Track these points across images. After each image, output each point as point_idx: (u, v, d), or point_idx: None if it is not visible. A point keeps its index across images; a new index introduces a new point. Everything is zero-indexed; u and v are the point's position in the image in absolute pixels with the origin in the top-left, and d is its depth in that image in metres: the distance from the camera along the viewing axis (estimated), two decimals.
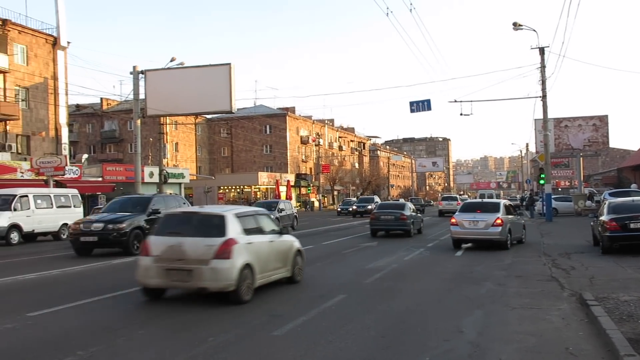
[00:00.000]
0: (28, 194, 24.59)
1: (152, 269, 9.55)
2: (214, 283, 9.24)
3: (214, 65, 37.77)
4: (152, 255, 9.64)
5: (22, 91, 39.50)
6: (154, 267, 9.54)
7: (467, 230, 18.49)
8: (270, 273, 10.62)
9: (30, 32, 40.02)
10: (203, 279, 9.22)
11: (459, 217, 18.88)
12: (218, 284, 9.22)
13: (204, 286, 9.37)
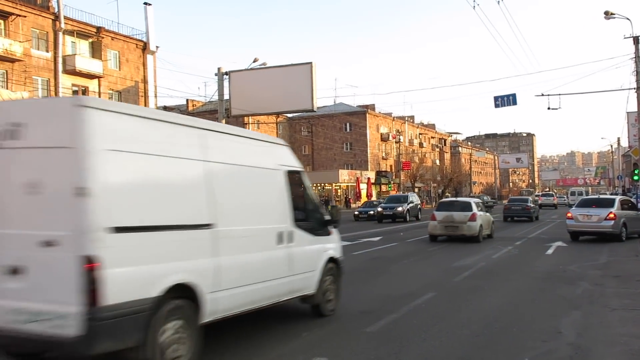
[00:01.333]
0: None
1: (437, 226, 20.98)
2: (468, 232, 20.41)
3: (296, 65, 38.24)
4: (436, 220, 21.03)
5: (115, 95, 41.45)
6: (438, 225, 20.97)
7: (580, 223, 20.20)
8: (486, 231, 21.73)
9: (122, 39, 41.94)
10: (463, 230, 20.45)
11: (574, 211, 20.79)
12: (470, 232, 20.41)
13: (463, 233, 20.43)
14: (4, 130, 5.17)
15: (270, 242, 7.25)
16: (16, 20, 34.33)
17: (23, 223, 5.07)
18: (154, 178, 5.59)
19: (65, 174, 4.89)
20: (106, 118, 5.14)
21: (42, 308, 4.84)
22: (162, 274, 5.41)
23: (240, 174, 6.86)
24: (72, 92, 37.93)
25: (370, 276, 12.48)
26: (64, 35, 37.21)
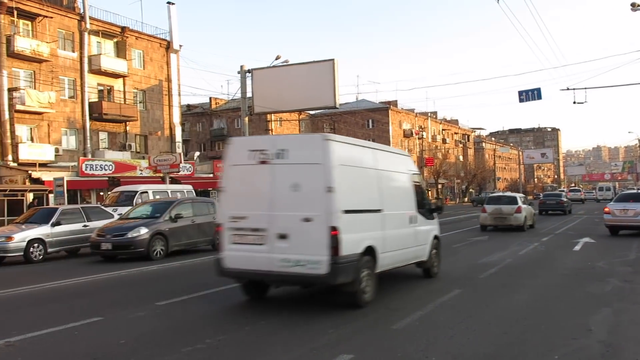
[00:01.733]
0: (148, 190, 26.04)
1: (488, 218, 24.55)
2: (515, 222, 23.82)
3: (318, 62, 38.27)
4: (487, 212, 24.60)
5: (140, 94, 41.86)
6: (488, 217, 24.52)
7: (617, 218, 20.64)
8: (529, 222, 25.04)
9: (146, 38, 42.32)
10: (510, 221, 23.80)
11: (612, 206, 21.16)
12: (517, 222, 23.79)
13: (510, 224, 23.86)
14: (274, 153, 8.50)
15: (406, 222, 10.64)
16: (43, 22, 34.82)
17: (289, 208, 8.29)
18: (358, 180, 9.00)
19: (319, 179, 8.13)
20: (338, 146, 8.52)
21: (302, 258, 8.14)
22: (362, 239, 8.72)
23: (391, 176, 10.40)
24: (98, 92, 38.40)
25: (395, 273, 12.43)
26: (89, 35, 37.67)
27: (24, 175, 31.35)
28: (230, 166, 8.96)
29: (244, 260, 8.59)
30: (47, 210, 18.40)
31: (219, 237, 8.95)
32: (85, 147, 36.91)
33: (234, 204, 8.85)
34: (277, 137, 11.19)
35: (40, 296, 10.60)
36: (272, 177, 8.48)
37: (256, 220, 8.48)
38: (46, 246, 16.72)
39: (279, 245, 8.28)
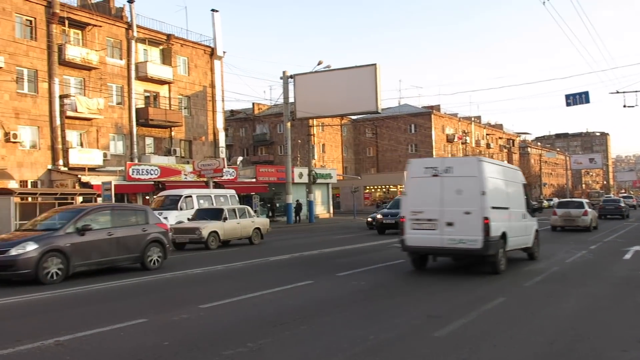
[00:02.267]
0: (192, 195, 26.44)
1: (558, 220, 28.43)
2: (582, 224, 27.66)
3: (360, 67, 38.28)
4: (557, 215, 28.58)
5: (185, 99, 42.59)
6: (559, 219, 28.41)
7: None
8: (594, 224, 28.41)
9: (190, 45, 43.06)
10: (578, 222, 27.53)
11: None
12: (584, 224, 27.62)
13: (578, 225, 27.45)
14: (443, 169, 12.65)
15: (521, 217, 14.70)
16: (92, 30, 35.80)
17: (454, 205, 12.36)
18: (497, 187, 13.11)
19: (475, 186, 12.21)
20: (486, 164, 12.69)
21: (464, 238, 12.23)
22: (500, 227, 12.79)
23: (513, 185, 14.44)
24: (144, 98, 39.23)
25: (437, 279, 12.32)
26: (136, 43, 38.55)
27: (73, 179, 32.25)
28: (411, 178, 13.17)
29: (421, 240, 12.79)
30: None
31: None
32: (132, 152, 37.74)
33: (413, 203, 12.99)
34: (445, 159, 14.85)
35: (87, 297, 10.86)
36: (441, 185, 12.62)
37: (430, 213, 12.63)
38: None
39: (447, 229, 12.40)
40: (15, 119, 31.42)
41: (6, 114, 30.93)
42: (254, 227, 23.13)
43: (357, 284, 11.74)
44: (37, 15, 32.87)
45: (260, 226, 23.64)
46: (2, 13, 31.07)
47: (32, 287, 11.77)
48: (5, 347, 6.93)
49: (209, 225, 20.87)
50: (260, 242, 23.24)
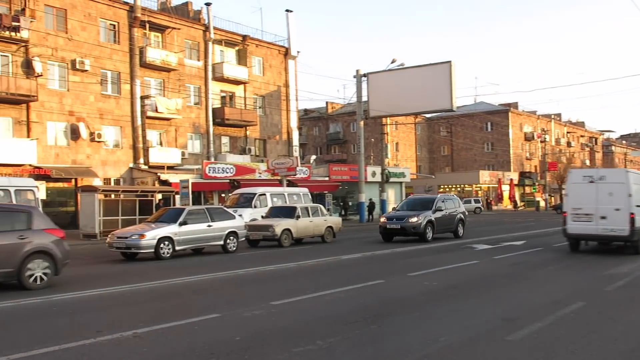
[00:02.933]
0: (266, 193, 26.86)
1: None
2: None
3: (434, 64, 37.73)
4: None
5: (259, 99, 43.34)
6: None
7: None
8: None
9: (265, 45, 43.76)
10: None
11: None
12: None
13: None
14: (598, 177, 16.86)
15: None
16: (171, 33, 37.00)
17: (607, 204, 16.42)
18: (637, 191, 16.79)
19: (624, 190, 16.33)
20: (631, 174, 17.03)
21: (615, 227, 16.44)
22: (638, 220, 16.44)
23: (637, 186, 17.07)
24: (220, 98, 40.19)
25: (512, 282, 12.00)
26: (213, 44, 39.55)
27: (153, 177, 33.46)
28: (571, 184, 17.32)
29: (580, 229, 16.99)
30: (175, 211, 19.42)
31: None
32: (209, 150, 38.75)
33: (574, 202, 17.06)
34: (599, 169, 19.07)
35: (165, 291, 11.25)
36: (596, 189, 16.65)
37: (588, 210, 16.72)
38: (174, 244, 17.67)
39: (601, 222, 16.51)
40: (99, 119, 32.91)
41: (91, 114, 32.44)
42: (327, 226, 23.25)
43: (429, 284, 11.61)
44: (120, 20, 34.29)
45: (332, 225, 23.74)
46: (88, 18, 32.59)
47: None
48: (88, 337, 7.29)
49: (282, 223, 21.14)
50: (333, 240, 23.32)
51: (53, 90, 30.96)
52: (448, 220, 23.53)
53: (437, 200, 23.60)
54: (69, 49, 31.57)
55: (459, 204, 25.03)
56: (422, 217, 22.12)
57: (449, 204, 24.04)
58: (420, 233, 21.95)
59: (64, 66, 31.50)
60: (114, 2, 34.04)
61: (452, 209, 24.03)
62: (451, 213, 23.79)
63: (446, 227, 23.47)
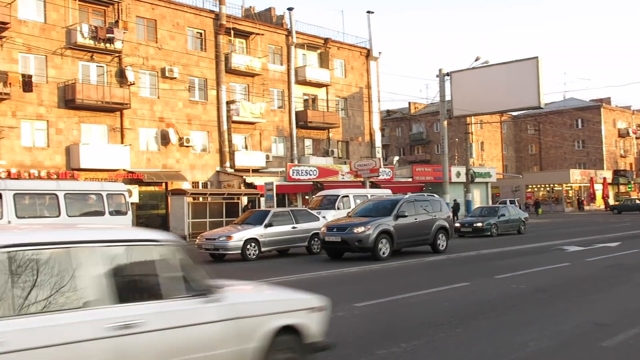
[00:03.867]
0: (349, 194, 26.97)
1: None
2: None
3: (520, 61, 36.65)
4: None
5: (341, 101, 43.57)
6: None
7: None
8: None
9: (347, 47, 43.94)
10: None
11: None
12: None
13: None
14: None
15: None
16: (255, 39, 37.85)
17: None
18: None
19: None
20: None
21: None
22: None
23: None
24: (303, 101, 40.71)
25: (607, 285, 11.47)
26: (295, 48, 40.13)
27: (239, 180, 34.33)
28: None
29: None
30: (261, 213, 19.86)
31: None
32: (292, 153, 39.34)
33: None
34: None
35: None
36: None
37: None
38: (260, 245, 18.07)
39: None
40: (187, 124, 34.12)
41: (180, 120, 33.69)
42: None
43: (517, 287, 11.30)
44: (206, 28, 35.43)
45: None
46: (176, 27, 33.90)
47: None
48: None
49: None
50: None
51: (144, 98, 32.40)
52: (418, 230, 17.85)
53: (402, 203, 17.82)
54: (158, 57, 32.95)
55: (441, 207, 19.48)
56: (373, 227, 16.54)
57: (421, 208, 18.38)
58: (369, 248, 16.40)
59: (154, 74, 32.91)
60: (200, 11, 35.24)
61: (425, 214, 18.34)
62: (425, 220, 18.12)
63: (416, 238, 17.94)
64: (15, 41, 27.40)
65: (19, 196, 15.57)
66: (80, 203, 16.91)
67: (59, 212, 15.97)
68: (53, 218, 15.69)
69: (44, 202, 16.55)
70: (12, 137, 27.43)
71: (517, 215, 29.52)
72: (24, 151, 27.89)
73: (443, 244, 18.61)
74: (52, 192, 16.48)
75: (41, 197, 16.51)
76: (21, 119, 27.85)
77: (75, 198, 16.94)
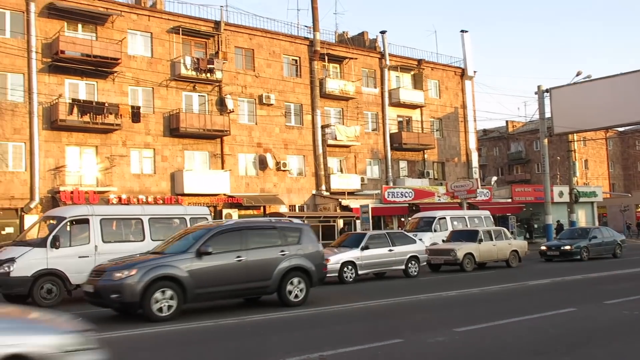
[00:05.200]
0: (446, 216, 26.57)
1: None
2: None
3: (627, 74, 34.96)
4: None
5: (436, 122, 43.12)
6: None
7: None
8: None
9: (440, 68, 43.57)
10: None
11: None
12: None
13: None
14: None
15: None
16: (349, 63, 38.34)
17: None
18: None
19: None
20: None
21: None
22: None
23: None
24: (397, 123, 40.66)
25: None
26: (389, 71, 40.26)
27: (335, 203, 34.63)
28: None
29: None
30: (357, 235, 19.94)
31: None
32: (387, 175, 39.26)
33: None
34: None
35: (349, 314, 11.57)
36: None
37: None
38: (357, 268, 18.13)
39: None
40: (284, 149, 34.92)
41: (277, 145, 34.54)
42: (511, 249, 22.38)
43: (629, 313, 10.66)
44: (301, 55, 36.31)
45: (517, 248, 22.80)
46: (272, 55, 34.97)
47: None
48: None
49: (463, 247, 20.75)
50: (518, 265, 22.36)
51: (243, 125, 33.53)
52: (245, 274, 12.14)
53: (207, 235, 12.04)
54: (256, 85, 34.06)
55: (300, 238, 13.26)
56: (142, 271, 10.98)
57: (253, 241, 12.61)
58: (130, 303, 10.93)
59: (252, 101, 34.03)
60: (295, 39, 36.19)
61: (262, 249, 12.60)
62: (259, 260, 12.38)
63: (238, 286, 12.15)
64: (125, 75, 29.25)
65: (105, 221, 15.69)
66: (164, 227, 16.72)
67: (143, 236, 16.05)
68: (138, 242, 15.67)
69: (129, 226, 16.54)
70: (123, 165, 29.15)
71: (611, 237, 27.02)
72: (133, 178, 29.55)
73: (298, 294, 12.68)
74: (137, 217, 16.52)
75: (127, 222, 16.52)
76: (130, 148, 29.58)
77: (159, 222, 16.83)
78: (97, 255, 14.81)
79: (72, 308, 12.44)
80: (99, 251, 14.93)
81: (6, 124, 26.10)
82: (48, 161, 27.27)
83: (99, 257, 14.60)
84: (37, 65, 27.07)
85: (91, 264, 13.56)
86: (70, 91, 28.08)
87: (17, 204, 26.31)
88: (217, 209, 31.17)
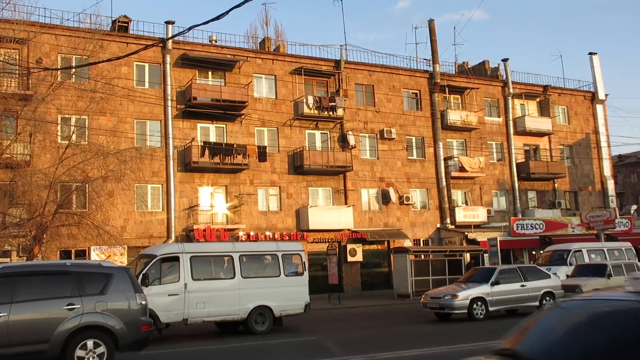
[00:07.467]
0: (582, 249, 25.07)
1: None
2: None
3: None
4: None
5: (566, 149, 41.08)
6: None
7: None
8: None
9: (568, 93, 41.67)
10: None
11: None
12: None
13: None
14: None
15: None
16: (470, 94, 37.69)
17: None
18: None
19: None
20: None
21: None
22: None
23: None
24: (524, 152, 39.18)
25: None
26: (512, 99, 39.09)
27: (460, 237, 33.76)
28: None
29: None
30: (486, 270, 19.31)
31: None
32: (515, 207, 37.76)
33: None
34: None
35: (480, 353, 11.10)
36: None
37: None
38: (487, 304, 17.50)
39: None
40: (407, 183, 34.71)
41: (399, 179, 34.42)
42: None
43: None
44: (421, 88, 36.20)
45: None
46: (392, 90, 35.15)
47: None
48: None
49: (590, 283, 19.39)
50: None
51: (365, 160, 33.77)
52: None
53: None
54: (377, 120, 34.32)
55: (107, 286, 10.61)
56: None
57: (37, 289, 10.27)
58: None
59: (373, 137, 34.27)
60: (415, 72, 36.20)
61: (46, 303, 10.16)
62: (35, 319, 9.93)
63: None
64: (251, 117, 30.61)
65: (195, 259, 15.67)
66: (256, 264, 16.71)
67: (233, 273, 15.98)
68: (228, 280, 15.70)
69: (221, 263, 16.53)
70: (250, 203, 30.30)
71: None
72: (260, 215, 30.58)
73: None
74: (228, 254, 16.47)
75: (217, 259, 16.51)
76: (257, 186, 30.71)
77: (250, 259, 16.70)
78: (187, 293, 14.94)
79: None
80: (189, 289, 15.03)
81: (146, 167, 28.08)
82: (182, 201, 28.94)
83: (188, 295, 14.84)
84: (172, 112, 29.05)
85: (180, 302, 13.85)
86: (201, 134, 29.82)
87: (155, 242, 28.06)
88: (342, 244, 31.43)
